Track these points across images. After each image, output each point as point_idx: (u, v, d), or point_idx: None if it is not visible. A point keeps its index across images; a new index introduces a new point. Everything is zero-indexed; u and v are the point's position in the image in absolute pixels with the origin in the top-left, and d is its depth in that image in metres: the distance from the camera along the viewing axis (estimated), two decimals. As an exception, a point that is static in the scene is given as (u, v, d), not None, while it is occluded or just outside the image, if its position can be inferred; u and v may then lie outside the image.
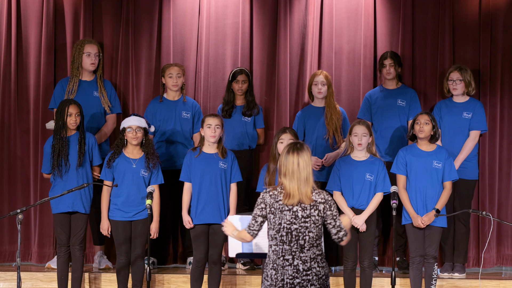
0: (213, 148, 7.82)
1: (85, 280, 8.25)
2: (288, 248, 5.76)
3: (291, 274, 5.74)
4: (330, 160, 8.46)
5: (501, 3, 9.03)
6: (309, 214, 5.78)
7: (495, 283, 8.21)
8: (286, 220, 5.77)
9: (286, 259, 5.76)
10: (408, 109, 8.68)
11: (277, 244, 5.79)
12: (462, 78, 8.52)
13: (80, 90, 8.62)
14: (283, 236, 5.77)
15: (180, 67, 8.72)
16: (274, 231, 5.80)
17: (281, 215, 5.78)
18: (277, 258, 5.78)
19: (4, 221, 9.04)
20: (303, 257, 5.76)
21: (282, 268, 5.76)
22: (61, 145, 7.86)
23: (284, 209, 5.78)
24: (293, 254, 5.76)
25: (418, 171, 7.79)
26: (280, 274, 5.76)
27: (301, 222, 5.77)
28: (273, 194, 5.83)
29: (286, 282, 5.74)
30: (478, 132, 8.55)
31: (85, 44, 8.61)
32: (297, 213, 5.77)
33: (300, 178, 5.77)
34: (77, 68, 8.61)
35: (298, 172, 5.77)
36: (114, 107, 8.72)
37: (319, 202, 5.81)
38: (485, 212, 7.16)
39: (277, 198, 5.81)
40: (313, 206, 5.79)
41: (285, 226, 5.77)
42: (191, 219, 7.76)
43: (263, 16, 9.17)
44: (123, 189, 7.82)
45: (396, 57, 8.75)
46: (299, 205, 5.78)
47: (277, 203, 5.80)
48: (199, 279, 7.82)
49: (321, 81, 8.59)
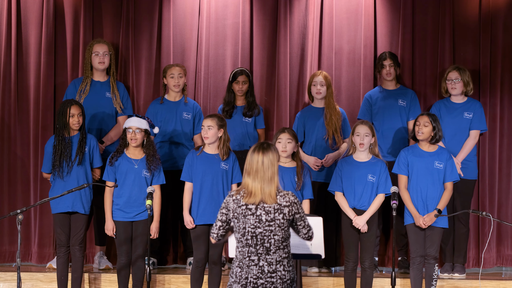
0: (214, 149, 7.82)
1: (85, 280, 8.25)
2: (254, 250, 5.73)
3: (256, 274, 5.71)
4: (330, 161, 8.46)
5: (501, 3, 9.03)
6: (274, 218, 5.71)
7: (495, 284, 8.21)
8: (250, 224, 5.71)
9: (251, 260, 5.73)
10: (409, 110, 8.68)
11: (243, 246, 5.76)
12: (461, 77, 8.53)
13: (92, 90, 8.63)
14: (248, 239, 5.73)
15: (182, 68, 8.72)
16: (240, 234, 5.76)
17: (244, 219, 5.73)
18: (243, 258, 5.75)
19: (4, 221, 9.04)
20: (269, 259, 5.72)
21: (247, 267, 5.73)
22: (63, 146, 7.86)
23: (247, 214, 5.72)
24: (259, 255, 5.72)
25: (420, 171, 7.80)
26: (244, 272, 5.74)
27: (265, 226, 5.70)
28: (236, 198, 5.77)
29: (249, 281, 5.72)
30: (478, 132, 8.57)
31: (94, 44, 8.65)
32: (260, 217, 5.71)
33: (264, 177, 5.70)
34: (89, 69, 8.63)
35: (262, 171, 5.70)
36: (126, 108, 8.73)
37: (284, 206, 5.73)
38: (485, 213, 7.16)
39: (240, 202, 5.75)
40: (277, 209, 5.71)
41: (250, 230, 5.72)
42: (192, 220, 7.76)
43: (263, 17, 9.17)
44: (125, 189, 7.82)
45: (395, 58, 8.76)
46: (263, 209, 5.71)
47: (239, 208, 5.74)
48: (199, 280, 7.82)
49: (320, 82, 8.59)
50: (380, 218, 8.52)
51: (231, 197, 5.79)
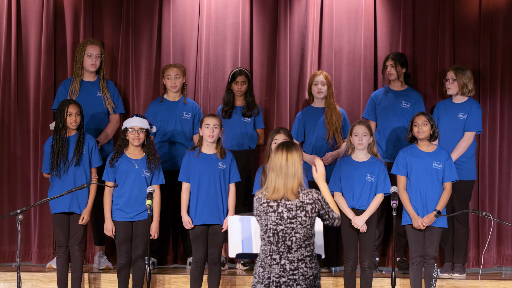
0: (212, 149, 7.82)
1: (85, 280, 8.25)
2: (276, 248, 5.76)
3: (278, 273, 5.74)
4: (330, 159, 8.46)
5: (501, 3, 9.03)
6: (295, 215, 5.74)
7: (495, 284, 8.21)
8: (271, 222, 5.75)
9: (273, 258, 5.76)
10: (412, 112, 8.63)
11: (265, 244, 5.79)
12: (456, 78, 8.51)
13: (83, 91, 8.62)
14: (270, 237, 5.77)
15: (179, 68, 8.71)
16: (262, 232, 5.81)
17: (266, 216, 5.77)
18: (265, 257, 5.78)
19: (4, 221, 9.04)
20: (291, 258, 5.74)
21: (269, 266, 5.76)
22: (60, 145, 7.85)
23: (268, 211, 5.76)
24: (281, 254, 5.75)
25: (419, 171, 7.79)
26: (267, 272, 5.76)
27: (287, 223, 5.74)
28: (258, 197, 5.83)
29: (272, 280, 5.74)
30: (472, 133, 8.51)
31: (87, 45, 8.61)
32: (282, 214, 5.75)
33: (288, 173, 5.74)
34: (80, 69, 8.62)
35: (286, 167, 5.75)
36: (117, 107, 8.72)
37: (306, 203, 5.76)
38: (485, 213, 7.16)
39: (261, 200, 5.80)
40: (299, 207, 5.74)
41: (271, 228, 5.76)
42: (191, 220, 7.76)
43: (263, 17, 9.17)
44: (125, 189, 7.82)
45: (399, 58, 8.72)
46: (285, 206, 5.74)
47: (261, 206, 5.79)
48: (198, 279, 7.82)
49: (321, 81, 8.59)
50: (380, 219, 8.52)
51: (255, 197, 5.85)
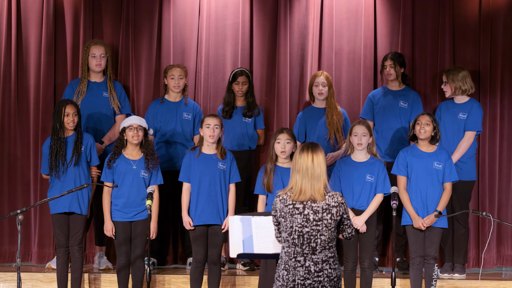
0: (212, 149, 7.82)
1: (85, 280, 8.25)
2: (300, 250, 5.74)
3: (302, 275, 5.72)
4: (331, 160, 8.45)
5: (501, 3, 9.02)
6: (321, 218, 5.73)
7: (495, 284, 8.21)
8: (297, 224, 5.73)
9: (297, 261, 5.74)
10: (410, 111, 8.65)
11: (289, 246, 5.76)
12: (447, 80, 8.51)
13: (89, 91, 8.64)
14: (295, 239, 5.74)
15: (183, 68, 8.72)
16: (286, 234, 5.77)
17: (291, 218, 5.74)
18: (289, 260, 5.76)
19: (4, 221, 9.04)
20: (315, 259, 5.73)
21: (294, 269, 5.74)
22: (58, 146, 7.85)
23: (294, 213, 5.74)
24: (305, 255, 5.73)
25: (419, 172, 7.79)
26: (291, 274, 5.74)
27: (313, 226, 5.72)
28: (283, 198, 5.79)
29: (297, 283, 5.72)
30: (473, 133, 8.51)
31: (91, 45, 8.63)
32: (308, 216, 5.73)
33: (314, 175, 5.72)
34: (86, 70, 8.64)
35: (312, 169, 5.73)
36: (123, 108, 8.73)
37: (332, 206, 5.75)
38: (485, 213, 7.15)
39: (286, 202, 5.77)
40: (325, 209, 5.73)
41: (297, 229, 5.73)
42: (191, 220, 7.76)
43: (263, 17, 9.16)
44: (124, 190, 7.82)
45: (398, 58, 8.73)
46: (311, 208, 5.73)
47: (286, 207, 5.76)
48: (198, 280, 7.82)
49: (322, 82, 8.59)
50: (379, 219, 8.52)
51: (278, 198, 5.81)
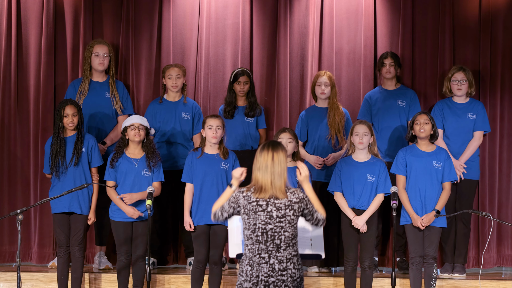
0: (214, 149, 7.82)
1: (85, 280, 8.25)
2: (264, 247, 5.78)
3: (266, 272, 5.75)
4: (332, 160, 8.45)
5: (501, 3, 9.03)
6: (284, 214, 5.79)
7: (495, 284, 8.21)
8: (260, 221, 5.78)
9: (262, 257, 5.77)
10: (408, 110, 8.67)
11: (253, 244, 5.80)
12: (466, 78, 8.52)
13: (91, 91, 8.64)
14: (259, 236, 5.78)
15: (180, 68, 8.71)
16: (250, 231, 5.81)
17: (255, 215, 5.79)
18: (253, 256, 5.79)
19: (4, 221, 9.04)
20: (279, 257, 5.77)
21: (258, 265, 5.77)
22: (58, 146, 7.86)
23: (258, 210, 5.78)
24: (269, 253, 5.77)
25: (418, 171, 7.79)
26: (255, 270, 5.77)
27: (276, 222, 5.77)
28: (247, 195, 5.84)
29: (260, 279, 5.76)
30: (482, 132, 8.56)
31: (94, 44, 8.64)
32: (271, 213, 5.78)
33: (274, 172, 5.78)
34: (89, 69, 8.63)
35: (272, 166, 5.79)
36: (126, 108, 8.73)
37: (294, 202, 5.81)
38: (485, 213, 7.17)
39: (250, 199, 5.82)
40: (288, 206, 5.79)
41: (260, 227, 5.78)
42: (192, 222, 7.76)
43: (263, 17, 9.17)
44: (126, 189, 7.82)
45: (396, 58, 8.75)
46: (274, 205, 5.77)
47: (250, 204, 5.81)
48: (199, 280, 7.82)
49: (325, 82, 8.58)
50: (379, 219, 8.52)
51: (241, 193, 5.84)
